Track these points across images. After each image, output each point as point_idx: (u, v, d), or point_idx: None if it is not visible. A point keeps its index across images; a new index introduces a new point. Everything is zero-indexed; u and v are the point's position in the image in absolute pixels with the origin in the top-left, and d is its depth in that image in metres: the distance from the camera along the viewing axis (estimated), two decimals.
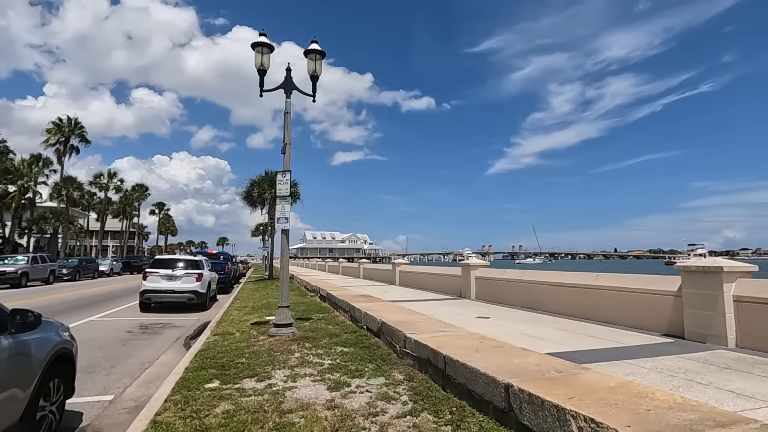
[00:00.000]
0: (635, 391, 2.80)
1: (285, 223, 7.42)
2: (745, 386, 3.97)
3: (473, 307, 10.31)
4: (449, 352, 4.25)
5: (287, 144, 7.57)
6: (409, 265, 18.92)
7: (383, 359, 5.49)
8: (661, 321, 6.62)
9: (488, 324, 7.78)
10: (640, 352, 5.37)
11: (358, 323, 7.88)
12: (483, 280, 11.99)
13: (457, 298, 12.53)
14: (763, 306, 5.36)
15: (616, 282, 7.57)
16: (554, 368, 3.47)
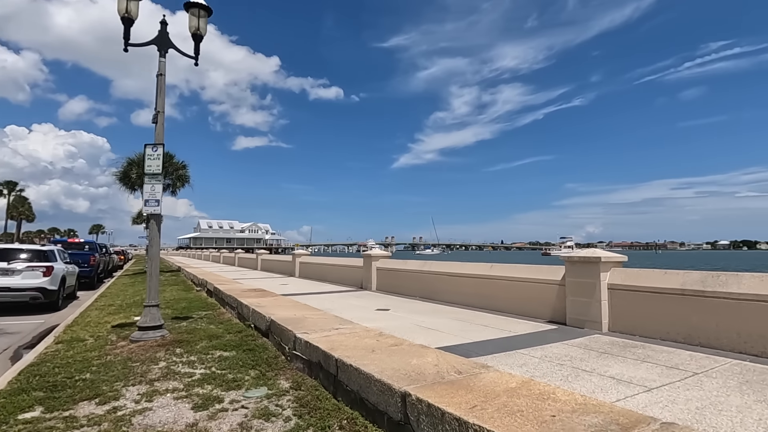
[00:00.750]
0: (537, 392, 2.58)
1: (155, 206, 6.20)
2: (622, 371, 4.16)
3: (374, 299, 10.04)
4: (342, 354, 3.75)
5: (160, 112, 6.33)
6: (310, 256, 18.15)
7: (269, 364, 4.80)
8: (547, 308, 6.98)
9: (387, 317, 7.51)
10: (531, 341, 5.49)
11: (245, 321, 7.01)
12: (384, 271, 11.81)
13: (359, 290, 12.20)
14: (630, 293, 5.84)
15: (508, 272, 7.83)
16: (454, 368, 3.17)
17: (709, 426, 2.85)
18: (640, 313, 5.71)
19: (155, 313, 6.25)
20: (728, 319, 4.84)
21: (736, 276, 4.93)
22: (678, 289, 5.31)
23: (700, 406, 3.21)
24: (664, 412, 3.09)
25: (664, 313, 5.43)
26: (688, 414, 3.06)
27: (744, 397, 3.41)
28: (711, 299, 5.00)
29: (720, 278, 5.03)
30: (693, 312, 5.15)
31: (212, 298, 10.92)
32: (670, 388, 3.62)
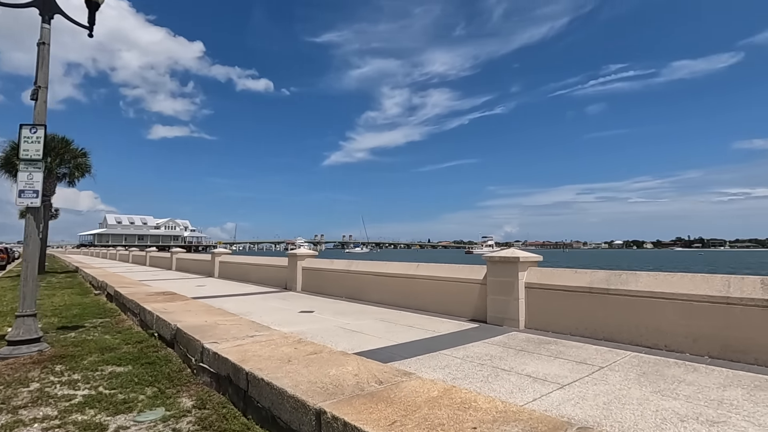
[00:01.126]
0: (459, 400, 2.47)
1: (32, 198, 5.23)
2: (538, 368, 4.28)
3: (298, 301, 9.61)
4: (254, 366, 3.38)
5: (41, 87, 5.35)
6: (231, 255, 17.05)
7: (171, 379, 4.25)
8: (469, 307, 7.12)
9: (311, 319, 7.17)
10: (454, 341, 5.52)
11: (149, 330, 6.25)
12: (310, 271, 11.40)
13: (283, 291, 11.65)
14: (545, 291, 6.14)
15: (433, 272, 7.89)
16: (375, 378, 2.97)
17: (615, 421, 2.97)
18: (553, 310, 6.01)
19: (31, 323, 5.29)
20: (628, 314, 5.25)
21: (634, 275, 5.36)
22: (586, 287, 5.67)
23: (607, 401, 3.36)
24: (576, 409, 3.18)
25: (574, 310, 5.77)
26: (597, 410, 3.17)
27: (642, 389, 3.65)
28: (614, 296, 5.39)
29: (621, 277, 5.44)
30: (599, 308, 5.52)
31: (112, 303, 9.71)
32: (581, 384, 3.78)
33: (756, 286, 4.41)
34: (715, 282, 4.69)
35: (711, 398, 3.43)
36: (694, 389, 3.63)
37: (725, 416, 3.06)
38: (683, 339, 4.79)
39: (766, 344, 4.27)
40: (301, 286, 11.61)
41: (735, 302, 4.48)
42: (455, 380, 3.85)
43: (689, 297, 4.78)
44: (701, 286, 4.75)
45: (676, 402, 3.34)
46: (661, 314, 4.99)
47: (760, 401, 3.35)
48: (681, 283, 4.93)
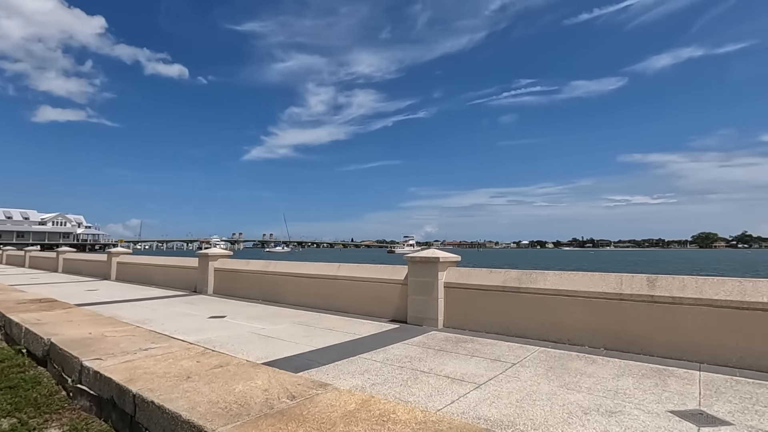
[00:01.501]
0: (377, 412, 2.31)
1: None
2: (456, 368, 4.31)
3: (208, 305, 8.84)
4: (144, 386, 2.91)
5: None
6: (131, 255, 15.31)
7: (39, 406, 3.54)
8: (390, 308, 7.08)
9: (222, 325, 6.59)
10: (374, 343, 5.40)
11: (16, 345, 5.24)
12: (223, 273, 10.60)
13: (192, 294, 10.67)
14: (463, 290, 6.30)
15: (355, 272, 7.73)
16: (287, 392, 2.70)
17: (527, 419, 3.04)
18: (470, 309, 6.18)
19: None
20: (537, 311, 5.56)
21: (543, 274, 5.70)
22: (500, 286, 5.91)
23: (519, 398, 3.45)
24: (492, 409, 3.21)
25: (489, 308, 5.98)
26: (511, 408, 3.23)
27: (550, 384, 3.83)
28: (525, 294, 5.68)
29: (531, 276, 5.75)
30: (511, 306, 5.78)
31: None
32: (496, 382, 3.86)
33: (643, 284, 4.91)
34: (610, 280, 5.14)
35: (608, 389, 3.69)
36: (594, 381, 3.90)
37: (621, 406, 3.29)
38: (583, 333, 5.18)
39: (650, 336, 4.76)
40: (213, 289, 10.75)
41: (626, 298, 4.94)
42: (375, 386, 3.71)
43: (589, 294, 5.19)
44: (599, 284, 5.18)
45: (579, 395, 3.54)
46: (565, 310, 5.35)
47: (647, 389, 3.69)
48: (582, 281, 5.34)
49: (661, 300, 4.72)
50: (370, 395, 2.74)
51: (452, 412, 3.15)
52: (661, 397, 3.50)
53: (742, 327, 4.27)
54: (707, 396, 3.51)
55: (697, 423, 2.98)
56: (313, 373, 4.02)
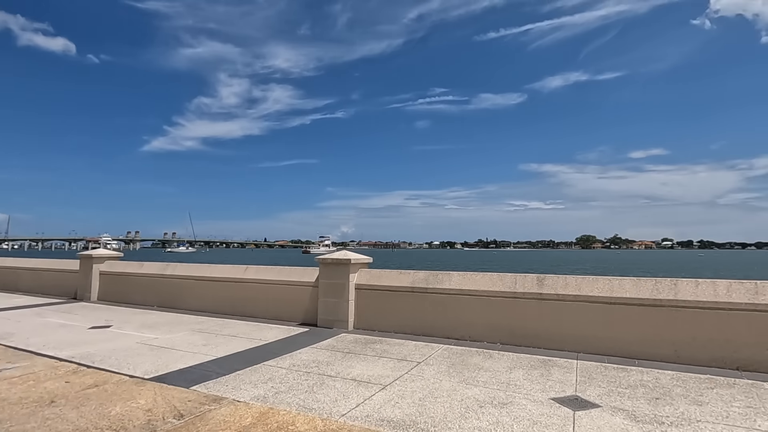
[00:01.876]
0: (274, 426, 2.20)
1: None
2: (363, 370, 4.32)
3: (91, 313, 7.79)
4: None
5: None
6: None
7: None
8: (300, 311, 6.89)
9: (106, 336, 5.84)
10: (281, 349, 5.19)
11: None
12: (111, 276, 9.43)
13: (70, 302, 9.32)
14: (373, 291, 6.36)
15: (263, 275, 7.40)
16: (175, 410, 2.45)
17: (428, 417, 3.14)
18: (380, 310, 6.26)
19: None
20: (443, 310, 5.82)
21: (448, 275, 5.98)
22: (408, 287, 6.08)
23: (422, 397, 3.56)
24: (395, 410, 3.25)
25: (398, 309, 6.11)
26: (413, 408, 3.31)
27: (451, 380, 4.01)
28: (432, 294, 5.91)
29: (438, 276, 6.00)
30: (419, 306, 5.98)
31: None
32: (401, 382, 3.94)
33: (533, 283, 5.40)
34: (507, 280, 5.57)
35: (502, 381, 3.98)
36: (490, 375, 4.18)
37: (512, 397, 3.56)
38: (483, 330, 5.54)
39: (538, 330, 5.24)
40: (97, 295, 9.51)
41: (519, 296, 5.39)
42: (278, 395, 3.55)
43: (488, 293, 5.56)
44: (497, 284, 5.58)
45: (477, 389, 3.76)
46: (467, 309, 5.67)
47: (534, 379, 4.04)
48: (483, 281, 5.71)
49: (548, 297, 5.24)
50: (269, 407, 2.60)
51: (356, 416, 3.13)
52: (545, 386, 3.86)
53: (611, 319, 4.91)
54: (582, 382, 3.95)
55: (572, 407, 3.33)
56: (211, 386, 3.73)
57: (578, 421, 3.07)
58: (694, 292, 4.62)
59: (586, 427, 2.97)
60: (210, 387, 3.72)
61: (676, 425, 3.01)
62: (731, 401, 3.47)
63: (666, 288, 4.77)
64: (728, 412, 3.24)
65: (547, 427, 2.98)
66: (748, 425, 3.01)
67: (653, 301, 4.75)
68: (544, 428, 2.95)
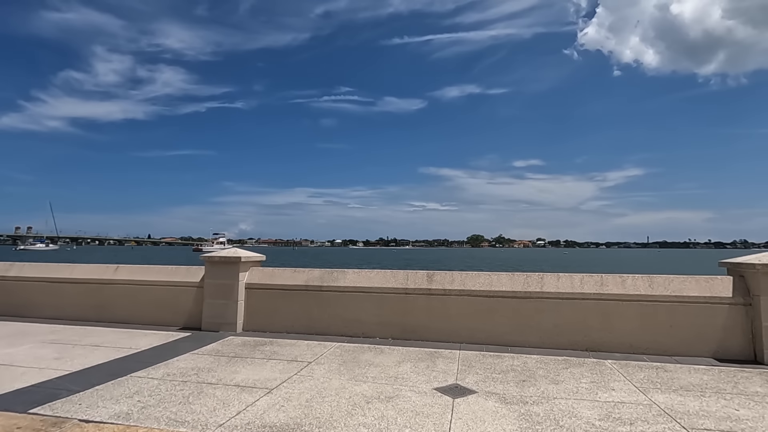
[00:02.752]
0: None
1: None
2: (249, 375, 4.07)
3: None
4: None
5: None
6: None
7: None
8: (182, 315, 6.27)
9: None
10: (155, 357, 4.64)
11: None
12: None
13: None
14: (266, 291, 6.05)
15: (138, 275, 6.57)
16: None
17: (314, 418, 3.05)
18: (273, 311, 5.99)
19: None
20: (338, 308, 5.77)
21: (343, 272, 5.96)
22: (303, 286, 5.91)
23: (310, 398, 3.46)
24: (279, 414, 3.11)
25: (292, 308, 5.91)
26: (299, 410, 3.20)
27: (341, 378, 3.98)
28: (327, 293, 5.83)
29: (333, 274, 5.95)
30: (314, 305, 5.85)
31: None
32: (288, 384, 3.79)
33: (423, 279, 5.64)
34: (399, 276, 5.74)
35: (390, 375, 4.07)
36: (379, 370, 4.24)
37: (398, 390, 3.66)
38: (376, 326, 5.63)
39: (427, 324, 5.49)
40: None
41: (411, 292, 5.59)
42: (145, 409, 3.15)
43: (381, 289, 5.67)
44: (390, 280, 5.72)
45: (366, 385, 3.78)
46: (361, 306, 5.71)
47: (420, 371, 4.21)
48: (377, 278, 5.80)
49: (436, 292, 5.52)
50: (126, 425, 2.27)
51: (235, 425, 2.91)
52: (430, 377, 4.04)
53: (490, 311, 5.35)
54: (462, 371, 4.23)
55: (452, 395, 3.53)
56: (58, 406, 3.16)
57: (456, 408, 3.26)
58: (557, 285, 5.27)
59: (463, 413, 3.17)
60: (57, 408, 3.15)
61: (537, 403, 3.38)
62: (580, 378, 4.01)
63: (534, 281, 5.35)
64: (578, 388, 3.73)
65: (428, 416, 3.10)
66: (591, 398, 3.50)
67: (524, 293, 5.29)
68: (426, 418, 3.08)
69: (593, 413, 3.18)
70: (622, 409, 3.26)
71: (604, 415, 3.15)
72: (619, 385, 3.81)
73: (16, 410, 2.93)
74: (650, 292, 4.96)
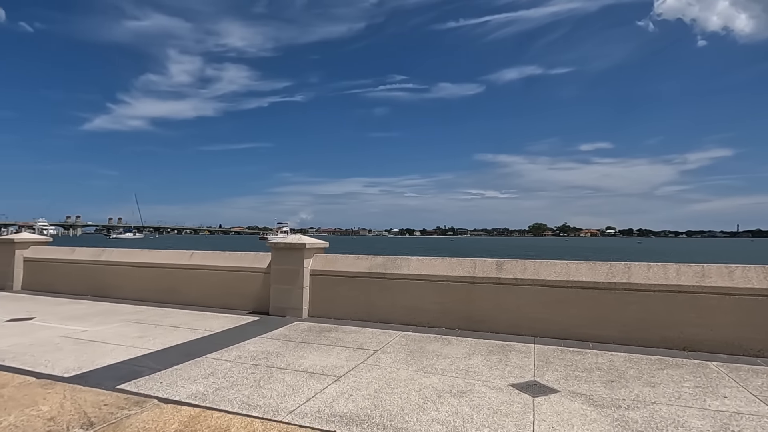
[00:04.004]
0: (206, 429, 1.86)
1: None
2: (315, 361, 4.04)
3: (11, 304, 6.94)
4: None
5: None
6: None
7: None
8: (250, 299, 6.47)
9: (24, 330, 5.16)
10: (227, 339, 4.79)
11: None
12: (37, 263, 8.49)
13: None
14: (329, 277, 6.06)
15: (210, 260, 6.88)
16: (84, 417, 2.07)
17: (384, 410, 2.91)
18: (336, 297, 5.98)
19: None
20: (400, 296, 5.62)
21: (407, 260, 5.79)
22: (365, 272, 5.83)
23: (378, 388, 3.33)
24: (348, 404, 3.01)
25: (355, 295, 5.86)
26: (368, 400, 3.08)
27: (409, 369, 3.82)
28: (390, 280, 5.70)
29: (396, 261, 5.80)
30: (377, 292, 5.75)
31: None
32: (356, 372, 3.70)
33: (492, 267, 5.31)
34: (466, 264, 5.46)
35: (460, 368, 3.84)
36: (448, 362, 4.03)
37: (471, 384, 3.42)
38: (440, 315, 5.41)
39: (495, 315, 5.18)
40: (21, 284, 8.54)
41: (478, 281, 5.29)
42: (219, 391, 3.21)
43: (447, 278, 5.42)
44: (456, 268, 5.45)
45: (435, 377, 3.59)
46: (425, 295, 5.51)
47: (493, 365, 3.94)
48: (442, 266, 5.56)
49: (506, 281, 5.17)
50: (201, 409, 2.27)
51: (305, 412, 2.86)
52: (504, 372, 3.76)
53: (567, 303, 4.92)
54: (540, 367, 3.89)
55: (531, 393, 3.23)
56: (142, 384, 3.32)
57: (538, 408, 2.97)
58: (646, 276, 4.70)
59: (546, 414, 2.87)
60: (141, 385, 3.30)
61: (633, 408, 2.99)
62: (681, 381, 3.52)
63: (620, 271, 4.82)
64: (680, 393, 3.27)
65: (508, 415, 2.85)
66: (699, 405, 3.03)
67: (607, 284, 4.79)
68: (505, 417, 2.82)
69: (704, 424, 2.74)
70: (740, 421, 2.78)
71: (720, 427, 2.69)
72: (732, 392, 3.28)
73: (106, 386, 3.10)
74: (766, 285, 4.25)
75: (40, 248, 8.71)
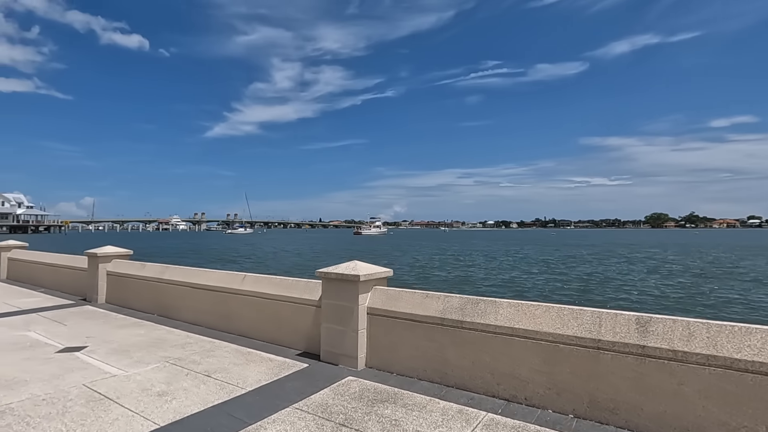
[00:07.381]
0: None
1: None
2: None
3: (82, 323, 6.86)
4: None
5: None
6: (25, 250, 12.80)
7: None
8: (301, 336, 5.41)
9: (60, 368, 4.68)
10: (253, 409, 3.70)
11: None
12: (117, 277, 8.55)
13: (80, 303, 8.61)
14: (390, 320, 4.67)
15: (261, 287, 5.97)
16: None
17: None
18: (399, 344, 4.59)
19: None
20: (485, 355, 4.03)
21: (494, 303, 4.14)
22: (437, 318, 4.33)
23: None
24: None
25: (423, 346, 4.41)
26: None
27: None
28: (469, 331, 4.12)
29: (479, 306, 4.19)
30: (451, 345, 4.23)
31: None
32: None
33: (631, 327, 3.43)
34: (585, 318, 3.64)
35: None
36: None
37: None
38: (546, 391, 3.70)
39: (637, 402, 3.32)
40: (105, 297, 8.71)
41: (606, 347, 3.46)
42: None
43: (555, 337, 3.68)
44: (570, 323, 3.67)
45: None
46: (521, 357, 3.83)
47: None
48: (546, 317, 3.82)
49: (655, 354, 3.26)
50: None
51: None
52: None
53: None
54: None
55: None
56: None
57: None
58: None
59: None
60: None
61: None
62: None
63: None
64: None
65: None
66: None
67: None
68: None
69: None
70: None
71: None
72: None
73: None
74: None
75: (119, 262, 8.79)
